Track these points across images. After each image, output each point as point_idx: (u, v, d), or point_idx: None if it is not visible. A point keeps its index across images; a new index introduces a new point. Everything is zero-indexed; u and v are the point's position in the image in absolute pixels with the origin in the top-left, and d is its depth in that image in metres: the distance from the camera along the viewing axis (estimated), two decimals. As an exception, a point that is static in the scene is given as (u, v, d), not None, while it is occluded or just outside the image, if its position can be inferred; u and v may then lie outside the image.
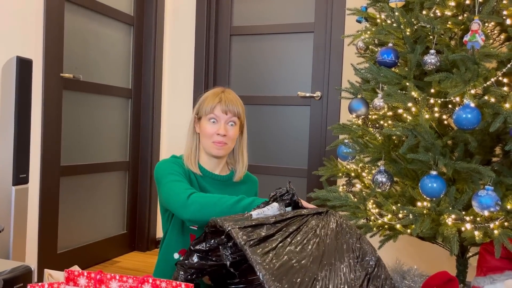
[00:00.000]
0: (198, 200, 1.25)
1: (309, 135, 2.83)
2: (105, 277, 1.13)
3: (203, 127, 1.45)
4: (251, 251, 0.96)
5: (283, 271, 0.94)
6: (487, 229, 1.43)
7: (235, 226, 1.02)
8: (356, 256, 1.06)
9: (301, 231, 1.08)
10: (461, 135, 1.53)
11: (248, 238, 0.99)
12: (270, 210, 1.16)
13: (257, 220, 1.07)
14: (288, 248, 1.01)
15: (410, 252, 2.46)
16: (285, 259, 0.97)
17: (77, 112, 2.50)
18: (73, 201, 2.50)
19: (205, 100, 1.47)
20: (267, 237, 1.02)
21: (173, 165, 1.42)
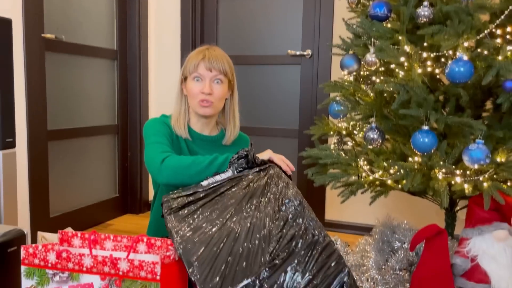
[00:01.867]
0: (172, 164, 1.23)
1: (300, 95, 2.80)
2: (99, 237, 1.13)
3: (189, 87, 1.41)
4: (171, 218, 1.03)
5: (197, 226, 1.00)
6: (476, 182, 1.45)
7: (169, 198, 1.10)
8: (278, 204, 1.09)
9: (231, 189, 1.12)
10: (453, 89, 1.52)
11: (172, 206, 1.05)
12: (222, 176, 1.17)
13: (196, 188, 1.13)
14: (208, 209, 1.06)
15: (400, 208, 2.51)
16: (201, 222, 1.02)
17: (61, 74, 2.44)
18: (63, 165, 2.47)
19: (190, 58, 1.42)
20: (192, 202, 1.07)
21: (159, 124, 1.39)
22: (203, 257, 0.92)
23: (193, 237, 0.97)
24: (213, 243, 0.97)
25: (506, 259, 1.44)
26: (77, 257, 1.01)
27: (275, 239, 1.01)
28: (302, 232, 1.04)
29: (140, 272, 0.99)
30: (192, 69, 1.39)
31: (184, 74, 1.43)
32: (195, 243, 0.95)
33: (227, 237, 0.99)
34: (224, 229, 1.00)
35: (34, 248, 1.04)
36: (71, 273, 1.02)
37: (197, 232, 0.99)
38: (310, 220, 1.07)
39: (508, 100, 1.43)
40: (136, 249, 1.11)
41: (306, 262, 1.00)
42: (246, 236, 1.00)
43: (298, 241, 1.02)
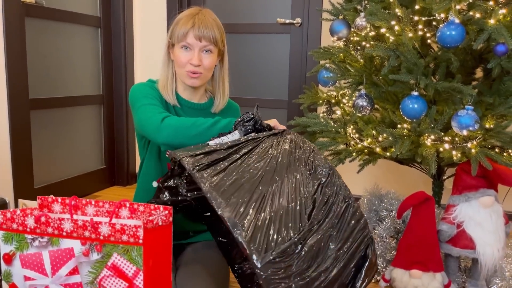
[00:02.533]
0: (172, 123, 1.19)
1: (289, 65, 2.75)
2: (80, 203, 1.10)
3: (176, 55, 1.34)
4: (199, 175, 0.95)
5: (232, 189, 0.95)
6: (464, 149, 1.44)
7: (186, 155, 1.00)
8: (308, 169, 1.08)
9: (253, 152, 1.08)
10: (443, 55, 1.50)
11: (197, 163, 0.98)
12: (230, 138, 1.12)
13: (210, 147, 1.05)
14: (238, 168, 1.01)
15: (388, 178, 2.52)
16: (234, 179, 0.98)
17: (43, 41, 2.35)
18: (47, 135, 2.42)
19: (178, 23, 1.33)
20: (218, 161, 1.01)
21: (148, 88, 1.34)
22: (245, 217, 0.90)
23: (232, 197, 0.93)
24: (252, 203, 0.94)
25: (491, 225, 1.45)
26: (56, 221, 0.99)
27: (310, 201, 1.00)
28: (335, 196, 1.04)
29: (122, 236, 0.96)
30: (180, 37, 1.30)
31: (172, 40, 1.35)
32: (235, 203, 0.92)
33: (264, 197, 0.96)
34: (259, 190, 0.97)
35: (12, 212, 1.01)
36: (51, 238, 0.99)
37: (234, 191, 0.95)
38: (340, 185, 1.07)
39: (499, 65, 1.41)
40: (119, 214, 1.09)
41: (339, 226, 1.01)
42: (283, 197, 0.98)
43: (332, 205, 1.03)
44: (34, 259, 1.01)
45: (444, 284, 1.50)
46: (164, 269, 1.05)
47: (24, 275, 1.02)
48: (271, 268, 0.84)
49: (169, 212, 1.05)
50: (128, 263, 0.97)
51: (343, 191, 1.06)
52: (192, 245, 1.41)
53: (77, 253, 0.98)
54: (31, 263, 1.01)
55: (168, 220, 1.04)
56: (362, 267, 1.02)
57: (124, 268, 0.97)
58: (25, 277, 1.02)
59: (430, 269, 1.48)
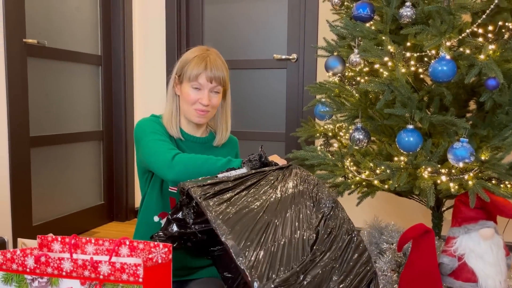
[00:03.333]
0: (184, 160, 1.21)
1: (286, 99, 2.80)
2: (80, 241, 1.10)
3: (185, 92, 1.38)
4: (206, 203, 0.97)
5: (236, 218, 0.96)
6: (462, 181, 1.45)
7: (194, 185, 1.03)
8: (312, 201, 1.09)
9: (258, 184, 1.10)
10: (436, 89, 1.53)
11: (204, 193, 1.00)
12: (237, 172, 1.15)
13: (217, 179, 1.08)
14: (243, 198, 1.03)
15: (387, 210, 2.51)
16: (239, 208, 0.99)
17: (44, 80, 2.40)
18: (46, 172, 2.43)
19: (190, 63, 1.37)
20: (224, 190, 1.03)
21: (155, 124, 1.37)
22: (249, 246, 0.91)
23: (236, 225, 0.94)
24: (256, 232, 0.95)
25: (492, 257, 1.44)
26: (56, 261, 0.98)
27: (313, 232, 1.01)
28: (338, 229, 1.05)
29: (121, 275, 0.96)
30: (192, 77, 1.35)
31: (182, 77, 1.39)
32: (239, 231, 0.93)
33: (267, 227, 0.97)
34: (264, 220, 0.98)
35: (12, 253, 1.01)
36: (50, 278, 0.99)
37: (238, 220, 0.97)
38: (343, 218, 1.08)
39: (491, 98, 1.44)
40: (119, 252, 1.08)
41: (342, 259, 1.01)
42: (287, 227, 0.99)
43: (335, 237, 1.03)
44: (33, 300, 1.00)
45: (448, 319, 1.48)
46: (164, 308, 1.04)
47: (22, 316, 1.00)
48: None
49: (169, 250, 1.05)
50: (128, 303, 0.96)
51: (347, 224, 1.07)
52: (194, 281, 1.40)
53: (77, 293, 0.98)
54: (30, 304, 1.00)
55: (167, 258, 1.04)
56: None
57: (124, 308, 0.96)
58: (23, 319, 1.00)
59: (433, 303, 1.46)
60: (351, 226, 1.07)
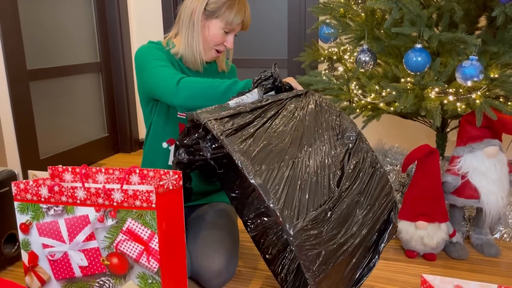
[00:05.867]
0: (189, 85, 1.18)
1: (288, 22, 2.70)
2: (90, 171, 1.12)
3: (213, 32, 1.34)
4: (228, 141, 0.94)
5: (262, 156, 0.93)
6: (469, 100, 1.44)
7: (211, 118, 0.99)
8: (336, 133, 1.06)
9: (279, 115, 1.06)
10: (447, 4, 1.46)
11: (224, 129, 0.96)
12: (250, 97, 1.11)
13: (234, 109, 1.03)
14: (266, 133, 0.99)
15: (391, 133, 2.53)
16: (263, 144, 0.96)
17: (36, 9, 2.30)
18: (48, 106, 2.41)
19: (230, 7, 1.32)
20: (245, 125, 0.99)
21: (156, 50, 1.32)
22: (277, 185, 0.89)
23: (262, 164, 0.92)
24: (283, 170, 0.93)
25: (496, 174, 1.47)
26: (69, 190, 1.00)
27: (339, 167, 0.99)
28: (362, 162, 1.03)
29: (135, 202, 0.98)
30: (230, 22, 1.33)
31: (213, 14, 1.33)
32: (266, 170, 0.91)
33: (293, 164, 0.95)
34: (289, 156, 0.96)
35: (25, 183, 1.03)
36: (65, 206, 1.01)
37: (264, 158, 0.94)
38: (367, 150, 1.06)
39: (503, 12, 1.38)
40: (129, 180, 1.10)
41: (366, 192, 1.01)
42: (312, 163, 0.97)
43: (360, 171, 1.01)
44: (50, 227, 1.03)
45: (449, 234, 1.54)
46: (177, 232, 1.08)
47: (42, 243, 1.04)
48: (303, 234, 0.84)
49: (179, 176, 1.06)
50: (142, 227, 1.00)
51: (370, 156, 1.05)
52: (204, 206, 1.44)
53: (92, 219, 1.01)
54: (48, 231, 1.03)
55: (178, 184, 1.06)
56: (385, 230, 1.03)
57: (139, 232, 1.00)
58: (43, 245, 1.05)
59: (436, 220, 1.51)
60: (374, 158, 1.05)
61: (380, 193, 1.03)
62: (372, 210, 1.00)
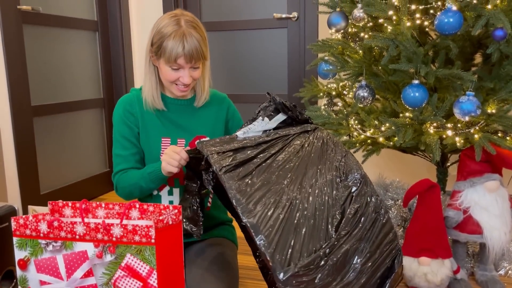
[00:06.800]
0: (120, 186, 1.35)
1: (288, 59, 2.76)
2: (90, 206, 1.12)
3: (164, 71, 1.29)
4: (226, 177, 0.93)
5: (259, 195, 0.92)
6: (468, 135, 1.45)
7: (213, 152, 0.98)
8: (340, 174, 1.02)
9: (283, 152, 1.04)
10: (442, 42, 1.50)
11: (223, 164, 0.95)
12: (257, 125, 1.11)
13: (240, 143, 1.03)
14: (266, 170, 0.98)
15: (391, 167, 2.53)
16: (261, 183, 0.94)
17: (41, 48, 2.36)
18: (51, 141, 2.43)
19: (166, 41, 1.25)
20: (246, 161, 0.98)
21: (119, 123, 1.37)
22: (270, 226, 0.86)
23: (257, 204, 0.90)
24: (279, 211, 0.90)
25: (497, 209, 1.46)
26: (69, 225, 1.00)
27: (339, 211, 0.95)
28: (365, 207, 0.98)
29: (134, 237, 0.98)
30: (171, 59, 1.25)
31: (158, 53, 1.28)
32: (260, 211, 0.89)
33: (291, 205, 0.92)
34: (286, 197, 0.93)
35: (25, 219, 1.02)
36: (64, 242, 1.01)
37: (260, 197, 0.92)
38: (372, 194, 1.01)
39: (498, 49, 1.41)
40: (129, 215, 1.10)
41: (366, 239, 0.96)
42: (311, 205, 0.94)
43: (361, 216, 0.97)
44: (48, 264, 1.02)
45: (453, 270, 1.51)
46: (176, 268, 1.06)
47: (39, 279, 1.03)
48: (294, 281, 0.81)
49: (179, 211, 1.06)
50: (141, 263, 0.98)
51: (374, 201, 1.00)
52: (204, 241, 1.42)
53: (91, 255, 1.00)
54: (46, 267, 1.02)
55: (177, 219, 1.05)
56: (387, 278, 0.98)
57: (138, 268, 0.99)
58: (40, 282, 1.03)
59: (439, 256, 1.49)
60: (379, 203, 1.00)
61: (383, 240, 0.97)
62: (372, 258, 0.95)
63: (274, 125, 1.15)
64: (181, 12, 1.31)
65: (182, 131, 1.37)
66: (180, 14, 1.30)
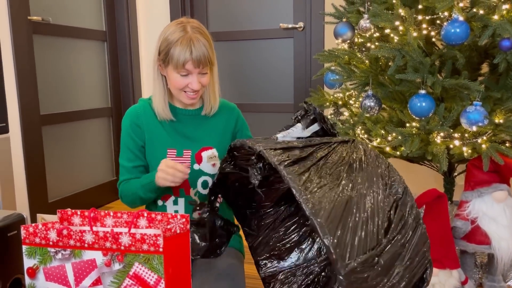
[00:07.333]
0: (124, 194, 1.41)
1: (294, 69, 2.77)
2: (99, 214, 1.12)
3: (172, 79, 1.29)
4: (287, 171, 0.95)
5: (319, 192, 0.95)
6: (475, 144, 1.45)
7: (266, 147, 1.01)
8: (385, 183, 1.06)
9: (330, 156, 1.07)
10: (449, 52, 1.51)
11: (282, 159, 0.98)
12: (295, 131, 1.14)
13: (286, 144, 1.05)
14: (320, 171, 1.01)
15: (398, 177, 2.51)
16: (319, 181, 0.97)
17: (51, 57, 2.39)
18: (59, 150, 2.45)
19: (174, 48, 1.26)
20: (300, 159, 1.01)
21: (126, 135, 1.44)
22: (331, 221, 0.90)
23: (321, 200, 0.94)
24: (340, 211, 0.94)
25: (506, 219, 1.45)
26: (78, 233, 1.01)
27: (387, 216, 0.99)
28: (408, 216, 1.02)
29: (142, 246, 0.98)
30: (179, 65, 1.26)
31: (166, 61, 1.29)
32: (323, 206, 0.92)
33: (346, 206, 0.96)
34: (344, 199, 0.97)
35: (34, 227, 1.03)
36: (73, 250, 1.01)
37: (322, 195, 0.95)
38: (412, 205, 1.05)
39: (505, 59, 1.42)
40: (137, 224, 1.10)
41: (408, 246, 1.00)
42: (364, 208, 0.98)
43: (405, 224, 1.01)
44: (57, 272, 1.03)
45: (461, 281, 1.50)
46: (184, 277, 1.06)
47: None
48: (352, 276, 0.84)
49: (187, 220, 1.06)
50: (149, 272, 0.99)
51: (415, 211, 1.04)
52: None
53: (99, 264, 1.00)
54: (55, 275, 1.03)
55: (185, 228, 1.06)
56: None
57: (146, 277, 0.99)
58: (49, 290, 1.04)
59: (447, 266, 1.48)
60: (418, 213, 1.04)
61: (420, 249, 1.02)
62: (411, 265, 0.99)
63: (308, 134, 1.19)
64: (186, 20, 1.32)
65: (189, 141, 1.37)
66: (186, 22, 1.31)
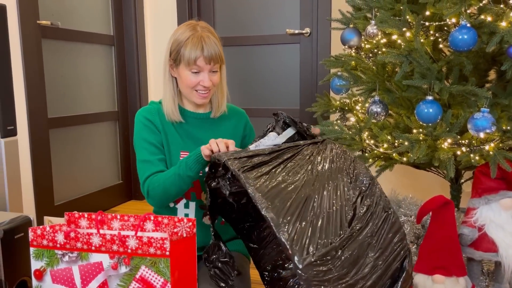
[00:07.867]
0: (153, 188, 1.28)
1: (300, 74, 2.78)
2: (106, 217, 1.13)
3: (184, 77, 1.33)
4: (244, 176, 0.98)
5: (275, 192, 0.97)
6: (482, 151, 1.44)
7: (231, 157, 1.05)
8: (349, 177, 1.09)
9: (295, 158, 1.10)
10: (456, 59, 1.50)
11: (241, 165, 1.01)
12: (267, 139, 1.16)
13: (253, 152, 1.09)
14: (281, 172, 1.04)
15: (404, 183, 2.51)
16: (277, 182, 1.00)
17: (59, 61, 2.41)
18: (65, 153, 2.47)
19: (185, 46, 1.30)
20: (261, 164, 1.04)
21: (144, 126, 1.35)
22: (288, 219, 0.92)
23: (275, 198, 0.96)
24: (295, 206, 0.96)
25: (513, 227, 1.44)
26: (85, 236, 1.01)
27: (351, 209, 1.01)
28: (375, 206, 1.04)
29: (149, 249, 0.98)
30: (191, 61, 1.30)
31: (177, 61, 1.33)
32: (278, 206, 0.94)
33: (305, 202, 0.98)
34: (302, 194, 0.99)
35: (42, 229, 1.04)
36: (80, 253, 1.02)
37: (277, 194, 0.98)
38: (380, 195, 1.07)
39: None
40: (144, 227, 1.11)
41: (378, 236, 1.01)
42: (324, 203, 1.00)
43: (372, 214, 1.02)
44: (64, 274, 1.03)
45: (468, 288, 1.49)
46: (190, 280, 1.07)
47: (54, 290, 1.04)
48: (312, 269, 0.85)
49: (193, 224, 1.07)
50: (155, 275, 0.99)
51: (383, 201, 1.06)
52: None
53: (106, 266, 1.01)
54: (62, 278, 1.03)
55: (192, 232, 1.06)
56: (398, 279, 1.01)
57: (152, 280, 0.99)
58: (55, 292, 1.04)
59: (453, 274, 1.47)
60: (387, 204, 1.06)
61: (393, 238, 1.03)
62: (384, 254, 0.99)
63: (283, 140, 1.22)
64: (195, 22, 1.37)
65: (200, 144, 1.38)
66: (195, 23, 1.36)
